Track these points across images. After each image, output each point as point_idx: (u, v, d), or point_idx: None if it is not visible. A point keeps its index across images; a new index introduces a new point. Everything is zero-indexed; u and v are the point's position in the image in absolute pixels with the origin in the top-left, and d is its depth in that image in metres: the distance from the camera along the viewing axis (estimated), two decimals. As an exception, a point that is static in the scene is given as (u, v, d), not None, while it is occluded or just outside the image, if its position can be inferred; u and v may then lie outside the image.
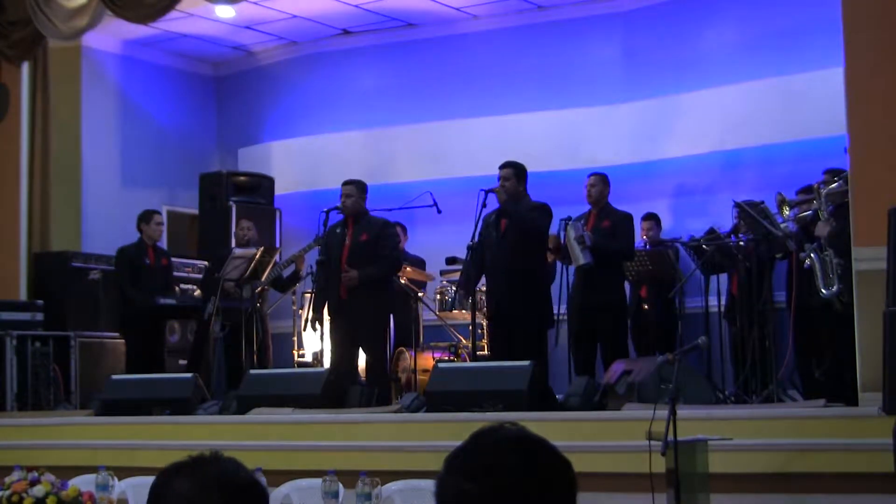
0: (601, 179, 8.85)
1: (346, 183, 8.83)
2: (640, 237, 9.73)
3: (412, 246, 10.54)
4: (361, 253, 8.61)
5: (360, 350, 8.69)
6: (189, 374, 8.48)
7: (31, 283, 10.32)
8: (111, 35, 11.69)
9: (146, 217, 10.07)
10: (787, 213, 7.83)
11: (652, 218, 9.97)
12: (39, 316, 9.92)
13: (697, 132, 10.52)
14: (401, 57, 12.07)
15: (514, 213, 8.17)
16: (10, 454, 7.35)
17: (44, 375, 9.72)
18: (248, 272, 9.51)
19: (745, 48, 10.38)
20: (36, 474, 4.87)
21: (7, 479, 4.90)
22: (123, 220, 10.18)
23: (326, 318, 8.84)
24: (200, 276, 10.74)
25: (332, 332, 8.71)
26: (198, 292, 10.61)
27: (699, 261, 8.79)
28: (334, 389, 7.77)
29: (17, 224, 10.34)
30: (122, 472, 5.68)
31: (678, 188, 10.69)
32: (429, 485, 2.01)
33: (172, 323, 10.52)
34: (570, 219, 8.55)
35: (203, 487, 2.06)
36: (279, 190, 12.06)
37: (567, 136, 11.12)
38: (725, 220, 9.09)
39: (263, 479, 4.85)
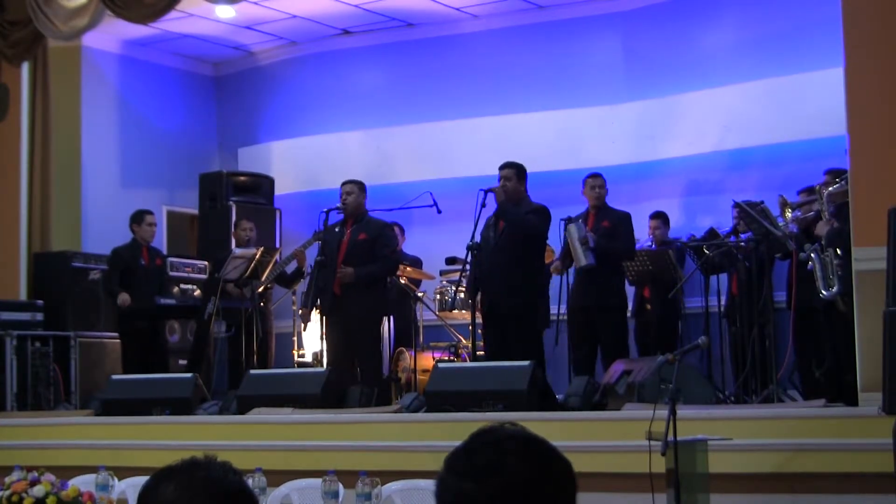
0: (596, 179, 8.92)
1: (346, 182, 8.89)
2: (647, 235, 9.74)
3: (411, 246, 10.53)
4: (359, 252, 8.62)
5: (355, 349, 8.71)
6: (189, 374, 8.48)
7: (31, 283, 10.32)
8: (111, 35, 11.69)
9: (138, 217, 10.03)
10: (790, 215, 7.82)
11: (660, 216, 9.91)
12: (39, 316, 9.92)
13: (698, 132, 10.51)
14: (401, 57, 12.06)
15: (510, 215, 8.18)
16: (10, 454, 7.36)
17: (44, 375, 9.73)
18: (247, 272, 9.51)
19: (746, 48, 10.37)
20: (36, 474, 4.86)
21: (7, 479, 4.89)
22: (124, 220, 10.17)
23: (316, 315, 8.85)
24: (200, 276, 10.73)
25: (328, 331, 8.71)
26: (198, 292, 10.61)
27: (699, 261, 8.79)
28: (334, 389, 7.77)
29: (17, 224, 10.34)
30: (122, 472, 5.67)
31: (678, 189, 10.68)
32: (429, 485, 2.01)
33: (172, 323, 10.52)
34: (570, 219, 8.55)
35: (188, 494, 2.05)
36: (279, 190, 12.06)
37: (567, 136, 11.11)
38: (726, 221, 9.09)
39: (263, 480, 4.89)
